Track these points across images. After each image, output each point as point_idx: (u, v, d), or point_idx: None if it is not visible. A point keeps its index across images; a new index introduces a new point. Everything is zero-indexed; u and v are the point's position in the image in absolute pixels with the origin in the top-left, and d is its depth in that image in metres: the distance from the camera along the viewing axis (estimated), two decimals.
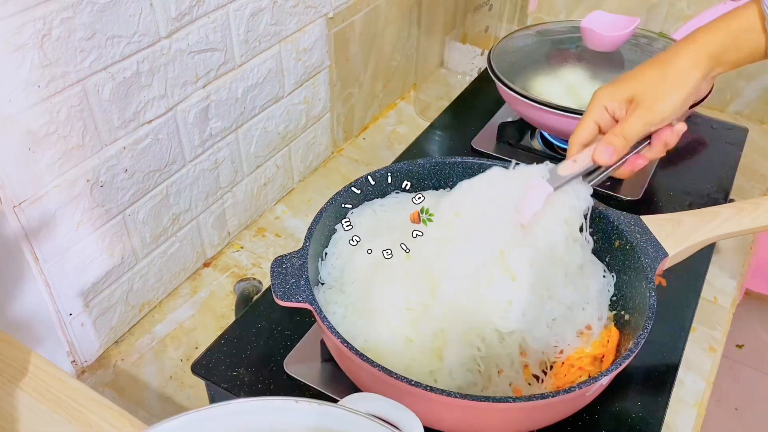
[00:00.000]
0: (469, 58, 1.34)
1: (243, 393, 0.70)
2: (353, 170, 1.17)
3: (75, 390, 0.58)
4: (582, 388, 0.58)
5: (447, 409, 0.60)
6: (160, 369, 0.85)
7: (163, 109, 0.80)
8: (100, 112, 0.72)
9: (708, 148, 1.10)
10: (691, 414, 0.77)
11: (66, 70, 0.67)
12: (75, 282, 0.77)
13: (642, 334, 0.63)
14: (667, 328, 0.78)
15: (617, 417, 0.69)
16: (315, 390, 0.70)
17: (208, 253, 0.98)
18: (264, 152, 1.01)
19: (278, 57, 0.96)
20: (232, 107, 0.91)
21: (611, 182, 1.00)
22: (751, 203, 0.73)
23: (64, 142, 0.70)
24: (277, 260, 0.67)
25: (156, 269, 0.89)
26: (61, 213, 0.72)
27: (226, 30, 0.84)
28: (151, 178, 0.82)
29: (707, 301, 0.90)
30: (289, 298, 0.64)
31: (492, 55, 1.04)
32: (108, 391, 0.82)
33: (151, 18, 0.74)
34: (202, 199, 0.93)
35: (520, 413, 0.61)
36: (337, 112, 1.15)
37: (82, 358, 0.83)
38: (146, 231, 0.85)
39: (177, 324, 0.90)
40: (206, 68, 0.84)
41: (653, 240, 0.72)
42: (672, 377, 0.73)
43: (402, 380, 0.58)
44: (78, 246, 0.76)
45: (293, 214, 1.08)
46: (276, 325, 0.77)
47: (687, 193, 1.00)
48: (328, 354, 0.72)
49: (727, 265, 0.96)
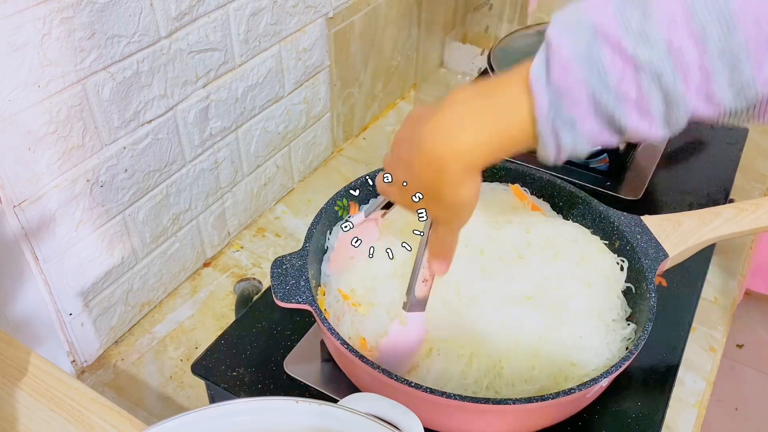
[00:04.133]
0: (469, 58, 1.34)
1: (243, 393, 0.70)
2: (353, 170, 1.17)
3: (75, 390, 0.58)
4: (582, 390, 0.58)
5: (447, 411, 0.60)
6: (159, 369, 0.85)
7: (163, 109, 0.80)
8: (100, 111, 0.72)
9: (708, 148, 1.10)
10: (691, 414, 0.77)
11: (66, 70, 0.67)
12: (75, 282, 0.77)
13: (642, 335, 0.63)
14: (667, 328, 0.78)
15: (617, 417, 0.69)
16: (315, 390, 0.70)
17: (208, 253, 0.98)
18: (264, 152, 1.01)
19: (278, 57, 0.95)
20: (232, 107, 0.91)
21: (611, 182, 1.00)
22: (752, 204, 0.74)
23: (63, 142, 0.70)
24: (277, 261, 0.67)
25: (156, 269, 0.89)
26: (60, 213, 0.72)
27: (226, 30, 0.84)
28: (151, 178, 0.82)
29: (707, 301, 0.90)
30: (289, 299, 0.64)
31: (492, 55, 1.04)
32: (108, 391, 0.82)
33: (151, 18, 0.74)
34: (202, 199, 0.93)
35: (520, 415, 0.61)
36: (337, 112, 1.15)
37: (82, 358, 0.83)
38: (146, 231, 0.85)
39: (177, 324, 0.90)
40: (206, 68, 0.84)
41: (653, 241, 0.72)
42: (672, 377, 0.73)
43: (402, 381, 0.58)
44: (78, 246, 0.76)
45: (293, 214, 1.08)
46: (276, 325, 0.77)
47: (687, 193, 1.00)
48: (328, 354, 0.72)
49: (727, 265, 0.96)
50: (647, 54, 0.43)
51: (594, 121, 0.46)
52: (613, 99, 0.45)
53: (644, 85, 0.44)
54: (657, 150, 1.07)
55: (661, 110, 0.45)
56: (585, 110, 0.46)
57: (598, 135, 0.47)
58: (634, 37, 0.43)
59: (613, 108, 0.45)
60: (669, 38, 0.42)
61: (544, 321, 0.65)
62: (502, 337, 0.64)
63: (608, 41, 0.44)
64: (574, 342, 0.64)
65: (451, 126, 0.50)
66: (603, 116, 0.46)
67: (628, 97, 0.44)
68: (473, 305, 0.66)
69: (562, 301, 0.67)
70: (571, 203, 0.79)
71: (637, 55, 0.43)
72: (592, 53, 0.44)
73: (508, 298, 0.67)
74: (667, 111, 0.45)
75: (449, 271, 0.64)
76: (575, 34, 0.45)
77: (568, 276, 0.69)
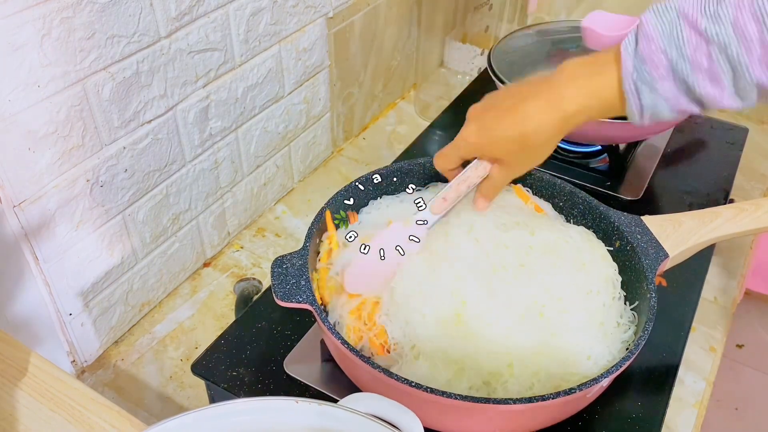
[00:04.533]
0: (469, 58, 1.34)
1: (243, 393, 0.70)
2: (353, 170, 1.17)
3: (75, 390, 0.58)
4: (582, 390, 0.58)
5: (447, 410, 0.60)
6: (159, 369, 0.85)
7: (163, 109, 0.80)
8: (100, 111, 0.72)
9: (708, 148, 1.10)
10: (691, 414, 0.77)
11: (66, 70, 0.67)
12: (75, 282, 0.77)
13: (642, 335, 0.63)
14: (667, 328, 0.78)
15: (617, 417, 0.69)
16: (315, 390, 0.70)
17: (208, 253, 0.98)
18: (264, 152, 1.01)
19: (278, 57, 0.95)
20: (232, 107, 0.91)
21: (611, 182, 1.00)
22: (752, 204, 0.73)
23: (63, 142, 0.70)
24: (278, 260, 0.67)
25: (156, 269, 0.89)
26: (60, 213, 0.72)
27: (226, 30, 0.84)
28: (151, 178, 0.82)
29: (707, 301, 0.90)
30: (290, 298, 0.64)
31: (492, 55, 1.04)
32: (108, 391, 0.82)
33: (151, 18, 0.74)
34: (202, 199, 0.93)
35: (521, 415, 0.61)
36: (337, 111, 1.15)
37: (82, 358, 0.83)
38: (146, 231, 0.85)
39: (177, 324, 0.90)
40: (206, 68, 0.84)
41: (654, 241, 0.72)
42: (672, 377, 0.73)
43: (402, 381, 0.58)
44: (78, 246, 0.76)
45: (293, 214, 1.08)
46: (276, 325, 0.77)
47: (687, 193, 1.01)
48: (328, 354, 0.72)
49: (727, 265, 0.96)
50: (717, 30, 0.52)
51: (672, 84, 0.55)
52: (689, 67, 0.54)
53: (714, 56, 0.53)
54: (657, 150, 1.07)
55: (729, 79, 0.53)
56: (665, 73, 0.55)
57: (676, 99, 0.56)
58: (708, 17, 0.52)
59: (688, 75, 0.54)
60: (735, 17, 0.51)
61: (543, 333, 0.65)
62: (501, 353, 0.64)
63: (687, 20, 0.53)
64: (576, 357, 0.64)
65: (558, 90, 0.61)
66: (680, 81, 0.55)
67: (701, 66, 0.54)
68: (473, 318, 0.66)
69: (562, 312, 0.66)
70: (571, 203, 0.79)
71: (709, 31, 0.52)
72: (673, 30, 0.54)
73: (507, 310, 0.66)
74: (735, 80, 0.53)
75: (449, 271, 0.64)
76: (662, 15, 0.55)
77: (569, 283, 0.68)
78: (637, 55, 0.56)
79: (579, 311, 0.66)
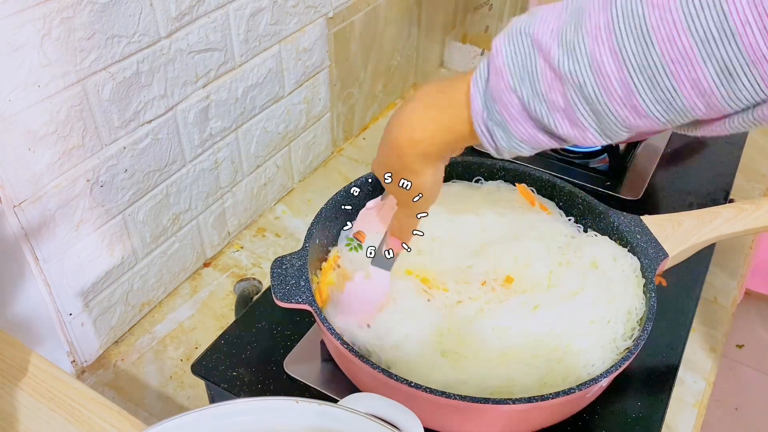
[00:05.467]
0: (469, 58, 1.34)
1: (243, 393, 0.70)
2: (353, 170, 1.17)
3: (75, 390, 0.58)
4: (582, 390, 0.58)
5: (447, 411, 0.60)
6: (159, 369, 0.85)
7: (163, 109, 0.80)
8: (100, 112, 0.72)
9: (708, 148, 1.10)
10: (691, 414, 0.77)
11: (66, 70, 0.67)
12: (75, 282, 0.77)
13: (642, 335, 0.63)
14: (667, 328, 0.78)
15: (617, 417, 0.69)
16: (315, 390, 0.70)
17: (208, 253, 0.98)
18: (264, 152, 1.01)
19: (278, 57, 0.95)
20: (232, 107, 0.91)
21: (611, 182, 1.00)
22: (752, 203, 0.74)
23: (63, 142, 0.70)
24: (277, 261, 0.67)
25: (156, 269, 0.89)
26: (60, 213, 0.72)
27: (226, 30, 0.84)
28: (151, 178, 0.82)
29: (707, 301, 0.90)
30: (289, 299, 0.64)
31: None
32: (108, 391, 0.82)
33: (151, 18, 0.74)
34: (202, 199, 0.93)
35: (520, 414, 0.61)
36: (337, 112, 1.15)
37: (82, 358, 0.83)
38: (146, 231, 0.85)
39: (177, 324, 0.90)
40: (206, 68, 0.84)
41: (653, 240, 0.72)
42: (672, 377, 0.73)
43: (402, 381, 0.58)
44: (78, 246, 0.76)
45: (293, 214, 1.08)
46: (276, 325, 0.77)
47: (687, 192, 1.01)
48: (328, 354, 0.72)
49: (727, 265, 0.96)
50: (572, 66, 0.43)
51: (527, 125, 0.48)
52: (545, 107, 0.46)
53: (569, 96, 0.44)
54: (657, 150, 1.07)
55: (591, 120, 0.45)
56: (517, 114, 0.47)
57: (534, 139, 0.49)
58: (564, 47, 0.44)
59: (544, 115, 0.46)
60: (593, 51, 0.42)
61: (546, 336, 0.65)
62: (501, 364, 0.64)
63: (541, 51, 0.45)
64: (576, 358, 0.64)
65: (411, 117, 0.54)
66: (536, 121, 0.47)
67: (557, 106, 0.45)
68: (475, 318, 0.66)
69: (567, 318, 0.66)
70: (570, 203, 0.79)
71: (563, 66, 0.44)
72: (527, 61, 0.46)
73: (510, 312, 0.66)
74: (599, 121, 0.45)
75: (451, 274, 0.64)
76: (515, 41, 0.47)
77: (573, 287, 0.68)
78: (486, 93, 0.48)
79: (579, 311, 0.67)
